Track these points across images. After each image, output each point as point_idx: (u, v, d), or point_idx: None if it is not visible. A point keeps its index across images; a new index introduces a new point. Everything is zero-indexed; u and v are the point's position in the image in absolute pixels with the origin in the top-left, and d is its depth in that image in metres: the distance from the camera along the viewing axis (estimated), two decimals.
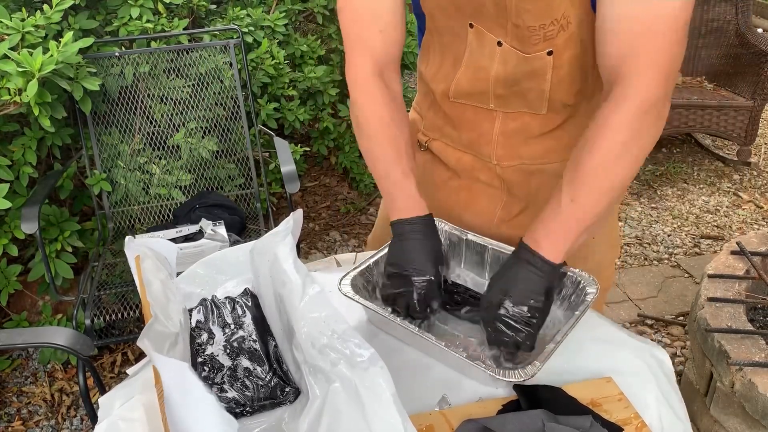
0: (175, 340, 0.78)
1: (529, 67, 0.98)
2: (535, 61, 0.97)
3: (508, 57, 0.99)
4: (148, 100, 2.29)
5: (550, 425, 0.77)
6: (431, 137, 1.19)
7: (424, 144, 1.21)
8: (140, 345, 0.68)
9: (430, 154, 1.21)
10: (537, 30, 0.93)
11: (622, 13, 0.84)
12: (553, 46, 0.95)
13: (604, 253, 1.18)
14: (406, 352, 0.95)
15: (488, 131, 1.09)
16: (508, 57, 0.99)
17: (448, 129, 1.15)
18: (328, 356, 0.75)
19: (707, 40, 3.77)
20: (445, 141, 1.17)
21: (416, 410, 0.84)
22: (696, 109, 3.44)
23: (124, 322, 2.21)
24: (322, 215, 3.19)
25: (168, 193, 2.32)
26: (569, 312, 0.96)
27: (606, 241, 1.18)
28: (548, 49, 0.95)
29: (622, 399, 0.86)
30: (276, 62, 2.54)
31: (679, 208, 3.29)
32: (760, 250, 1.97)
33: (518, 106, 1.04)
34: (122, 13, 2.23)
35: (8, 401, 2.12)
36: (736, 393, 1.56)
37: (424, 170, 1.22)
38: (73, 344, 1.26)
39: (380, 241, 1.34)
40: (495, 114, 1.06)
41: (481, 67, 1.02)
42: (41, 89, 1.75)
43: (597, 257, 1.15)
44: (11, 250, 1.99)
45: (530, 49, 0.96)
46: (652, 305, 2.58)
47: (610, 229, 1.20)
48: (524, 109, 1.04)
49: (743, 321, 1.69)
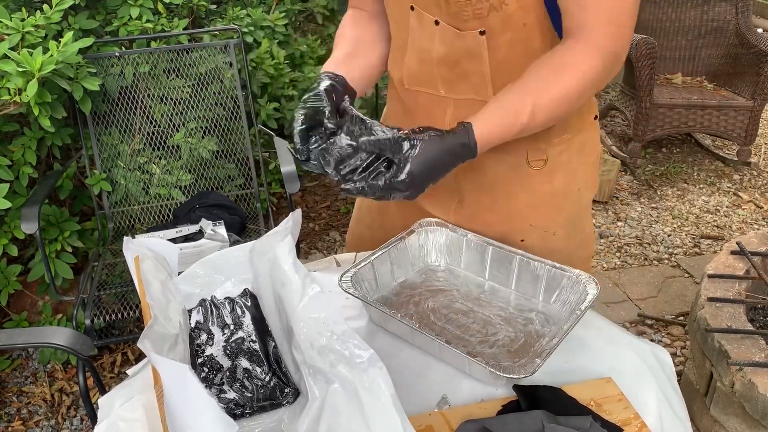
0: (175, 341, 0.78)
1: (464, 45, 1.00)
2: (469, 39, 0.99)
3: (445, 35, 1.01)
4: (148, 100, 2.29)
5: (550, 426, 0.77)
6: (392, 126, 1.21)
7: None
8: (140, 346, 0.68)
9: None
10: (464, 5, 0.95)
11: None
12: (485, 25, 0.97)
13: (572, 247, 1.18)
14: (405, 353, 0.95)
15: (441, 119, 1.11)
16: (446, 35, 1.01)
17: (406, 117, 1.17)
18: (327, 357, 0.75)
19: (707, 40, 3.78)
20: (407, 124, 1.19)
21: (416, 411, 0.84)
22: (696, 109, 3.44)
23: (124, 322, 2.21)
24: (322, 215, 3.19)
25: (168, 193, 2.32)
26: (569, 312, 0.96)
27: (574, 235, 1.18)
28: (480, 29, 0.97)
29: (622, 399, 0.86)
30: (276, 62, 2.54)
31: (679, 208, 3.29)
32: (760, 250, 1.97)
33: (465, 91, 1.06)
34: (122, 13, 2.23)
35: (8, 401, 2.12)
36: (736, 393, 1.56)
37: None
38: (73, 344, 1.26)
39: (356, 236, 1.36)
40: (447, 101, 1.08)
41: (424, 49, 1.05)
42: (41, 89, 1.75)
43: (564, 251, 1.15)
44: (11, 250, 1.99)
45: (462, 26, 0.98)
46: (652, 305, 2.58)
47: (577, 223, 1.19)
48: (471, 95, 1.06)
49: (743, 321, 1.69)
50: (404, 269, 1.12)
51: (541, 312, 1.02)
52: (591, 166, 1.16)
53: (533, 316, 1.01)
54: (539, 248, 1.10)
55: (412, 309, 1.03)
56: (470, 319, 1.01)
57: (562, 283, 1.01)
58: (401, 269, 1.11)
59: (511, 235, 1.12)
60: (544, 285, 1.03)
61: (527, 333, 0.97)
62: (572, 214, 1.16)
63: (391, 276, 1.09)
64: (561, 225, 1.15)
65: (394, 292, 1.08)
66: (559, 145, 1.09)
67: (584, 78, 0.92)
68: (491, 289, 1.08)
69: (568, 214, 1.15)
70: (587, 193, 1.18)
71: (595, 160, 1.17)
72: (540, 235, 1.13)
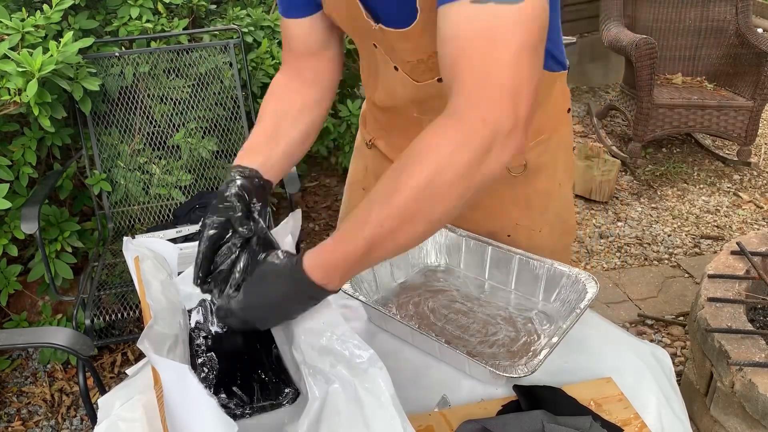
0: (175, 341, 0.78)
1: (427, 90, 0.97)
2: (429, 88, 0.96)
3: (406, 81, 0.99)
4: (148, 100, 2.29)
5: (550, 426, 0.77)
6: (375, 136, 1.21)
7: (369, 142, 1.23)
8: (140, 347, 0.68)
9: (376, 150, 1.22)
10: (417, 64, 0.93)
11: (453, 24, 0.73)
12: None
13: (557, 241, 1.19)
14: (405, 353, 0.95)
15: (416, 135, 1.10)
16: (406, 81, 0.99)
17: (384, 133, 1.17)
18: (327, 357, 0.76)
19: (707, 40, 3.78)
20: (385, 141, 1.19)
21: (416, 411, 0.84)
22: (696, 109, 3.44)
23: (124, 322, 2.21)
24: (322, 215, 3.19)
25: (168, 193, 2.32)
26: (569, 311, 0.96)
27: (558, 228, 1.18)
28: (437, 77, 0.93)
29: (622, 399, 0.86)
30: (276, 62, 2.54)
31: (679, 208, 3.28)
32: (760, 250, 1.97)
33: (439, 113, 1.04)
34: (122, 13, 2.22)
35: (8, 401, 2.12)
36: (736, 393, 1.56)
37: (373, 165, 1.23)
38: (73, 344, 1.26)
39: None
40: (422, 120, 1.05)
41: (391, 86, 1.03)
42: (41, 89, 1.75)
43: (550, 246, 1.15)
44: (11, 250, 1.99)
45: (419, 77, 0.96)
46: (652, 305, 2.58)
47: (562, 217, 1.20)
48: None
49: (743, 321, 1.69)
50: (404, 270, 1.12)
51: (540, 311, 1.02)
52: (568, 158, 1.17)
53: (533, 315, 1.01)
54: (525, 246, 1.10)
55: (411, 309, 1.03)
56: (470, 319, 1.01)
57: (562, 282, 1.01)
58: (401, 270, 1.11)
59: (497, 233, 1.13)
60: (544, 284, 1.03)
61: (527, 332, 0.97)
62: (557, 209, 1.17)
63: (391, 277, 1.09)
64: (546, 222, 1.15)
65: (394, 293, 1.08)
66: (537, 147, 1.08)
67: (447, 162, 0.70)
68: (491, 289, 1.08)
69: (552, 210, 1.16)
70: (568, 186, 1.19)
71: (570, 152, 1.18)
72: (526, 234, 1.14)
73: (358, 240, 0.73)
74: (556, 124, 1.11)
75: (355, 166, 1.33)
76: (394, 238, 0.73)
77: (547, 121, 1.08)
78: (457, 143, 0.70)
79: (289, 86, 1.04)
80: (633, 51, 3.31)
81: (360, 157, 1.29)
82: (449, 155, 0.70)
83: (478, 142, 0.69)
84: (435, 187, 0.70)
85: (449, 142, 0.70)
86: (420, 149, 0.72)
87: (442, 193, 0.70)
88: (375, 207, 0.72)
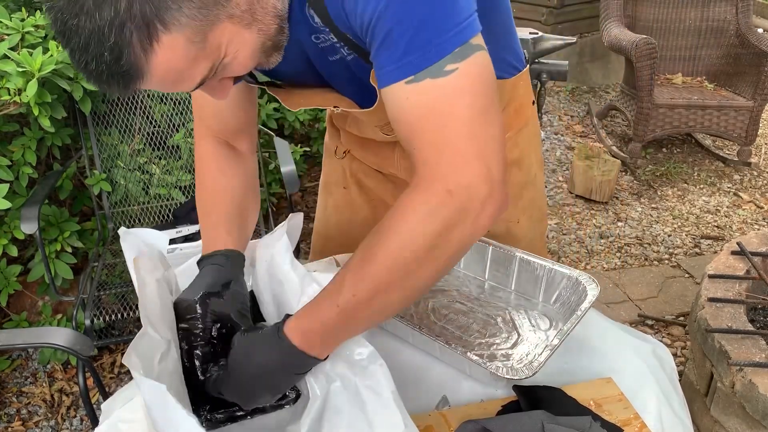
0: (168, 348, 0.76)
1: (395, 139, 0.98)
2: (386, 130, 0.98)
3: (376, 131, 1.01)
4: (148, 100, 2.29)
5: (550, 426, 0.77)
6: (349, 148, 1.23)
7: (342, 153, 1.24)
8: (126, 362, 0.67)
9: (351, 156, 1.24)
10: (385, 125, 0.95)
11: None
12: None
13: (533, 229, 1.22)
14: (405, 353, 0.95)
15: (390, 156, 1.12)
16: (376, 131, 1.01)
17: (358, 147, 1.19)
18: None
19: (707, 40, 3.78)
20: (359, 153, 1.21)
21: (416, 411, 0.83)
22: (696, 109, 3.44)
23: (124, 322, 2.21)
24: None
25: (168, 193, 2.32)
26: (569, 312, 0.96)
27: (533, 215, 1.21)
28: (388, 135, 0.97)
29: (623, 399, 0.86)
30: None
31: (679, 209, 3.28)
32: (760, 250, 1.97)
33: None
34: None
35: (8, 401, 2.12)
36: (737, 393, 1.56)
37: (350, 168, 1.24)
38: (73, 344, 1.26)
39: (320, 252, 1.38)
40: (394, 142, 1.07)
41: (362, 128, 1.06)
42: (41, 89, 1.75)
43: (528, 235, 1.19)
44: (11, 251, 1.98)
45: (390, 131, 0.96)
46: (653, 305, 2.57)
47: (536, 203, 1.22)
48: None
49: (743, 321, 1.69)
50: None
51: (541, 312, 1.02)
52: (539, 147, 1.20)
53: (533, 316, 1.01)
54: (503, 237, 1.12)
55: (411, 309, 1.03)
56: (470, 319, 1.01)
57: (562, 283, 1.01)
58: None
59: None
60: (544, 285, 1.03)
61: (527, 333, 0.97)
62: (532, 196, 1.20)
63: None
64: (522, 210, 1.18)
65: None
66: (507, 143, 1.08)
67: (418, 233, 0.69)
68: (491, 289, 1.08)
69: (528, 199, 1.19)
70: (539, 173, 1.22)
71: (539, 139, 1.21)
72: (504, 226, 1.17)
73: (332, 307, 0.72)
74: (525, 118, 1.13)
75: (330, 167, 1.31)
76: (370, 306, 0.71)
77: (515, 119, 1.10)
78: (425, 214, 0.69)
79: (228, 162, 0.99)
80: (633, 51, 3.31)
81: (335, 159, 1.29)
82: (418, 225, 0.69)
83: (446, 213, 0.68)
84: (406, 257, 0.69)
85: (417, 216, 0.69)
86: (390, 222, 0.71)
87: (414, 264, 0.69)
88: (348, 276, 0.72)
